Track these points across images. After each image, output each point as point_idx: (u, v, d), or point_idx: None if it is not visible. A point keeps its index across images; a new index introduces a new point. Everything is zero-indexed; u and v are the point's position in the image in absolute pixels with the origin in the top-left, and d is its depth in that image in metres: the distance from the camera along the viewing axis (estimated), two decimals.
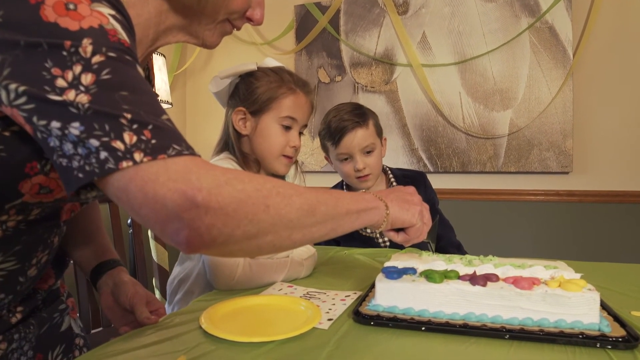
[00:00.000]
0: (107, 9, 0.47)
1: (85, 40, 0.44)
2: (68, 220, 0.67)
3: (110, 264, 0.81)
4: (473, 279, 0.69)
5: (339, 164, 1.41)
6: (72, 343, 0.77)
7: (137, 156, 0.44)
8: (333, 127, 1.37)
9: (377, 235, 1.41)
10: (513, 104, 2.15)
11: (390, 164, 1.55)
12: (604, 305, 0.71)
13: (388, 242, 1.40)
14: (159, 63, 2.17)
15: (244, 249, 0.51)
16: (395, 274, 0.72)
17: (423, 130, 2.30)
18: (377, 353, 0.60)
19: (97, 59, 0.44)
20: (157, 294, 1.51)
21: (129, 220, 1.84)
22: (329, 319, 0.71)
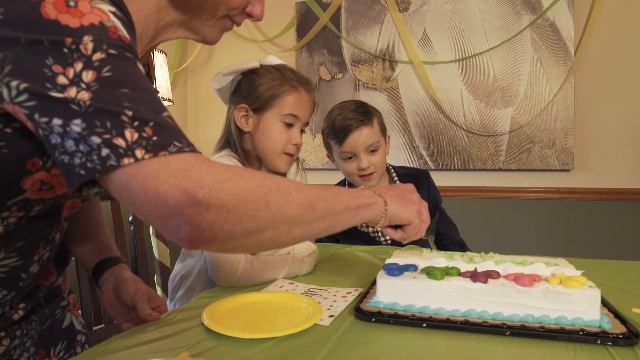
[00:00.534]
0: (107, 6, 0.47)
1: (86, 38, 0.44)
2: (69, 216, 0.67)
3: (112, 261, 0.82)
4: (474, 275, 0.69)
5: (343, 162, 1.39)
6: (73, 340, 0.77)
7: (139, 153, 0.44)
8: (337, 125, 1.35)
9: (379, 234, 1.40)
10: (514, 102, 2.15)
11: (392, 162, 1.54)
12: (604, 302, 0.71)
13: (389, 241, 1.40)
14: (160, 60, 2.17)
15: (244, 244, 0.51)
16: (396, 270, 0.73)
17: (424, 128, 2.29)
18: (379, 349, 0.60)
19: (98, 56, 0.44)
20: (159, 291, 1.52)
21: (130, 218, 1.84)
22: (330, 316, 0.72)
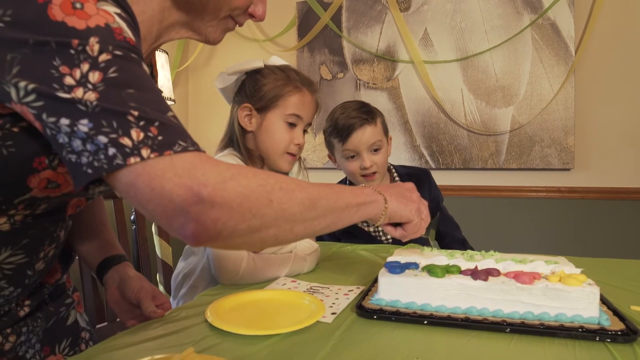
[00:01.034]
0: (112, 8, 0.48)
1: (92, 39, 0.44)
2: (73, 214, 0.68)
3: (116, 259, 0.83)
4: (475, 273, 0.70)
5: (345, 161, 1.39)
6: (78, 336, 0.78)
7: (145, 152, 0.45)
8: (341, 124, 1.35)
9: (380, 233, 1.41)
10: (515, 101, 2.15)
11: (392, 161, 1.54)
12: (603, 300, 0.71)
13: (390, 240, 1.41)
14: (161, 60, 2.18)
15: (247, 241, 0.52)
16: (397, 268, 0.73)
17: (425, 127, 2.30)
18: (380, 346, 0.61)
19: (104, 57, 0.45)
20: (161, 289, 1.52)
21: (132, 217, 1.85)
22: (333, 313, 0.72)
